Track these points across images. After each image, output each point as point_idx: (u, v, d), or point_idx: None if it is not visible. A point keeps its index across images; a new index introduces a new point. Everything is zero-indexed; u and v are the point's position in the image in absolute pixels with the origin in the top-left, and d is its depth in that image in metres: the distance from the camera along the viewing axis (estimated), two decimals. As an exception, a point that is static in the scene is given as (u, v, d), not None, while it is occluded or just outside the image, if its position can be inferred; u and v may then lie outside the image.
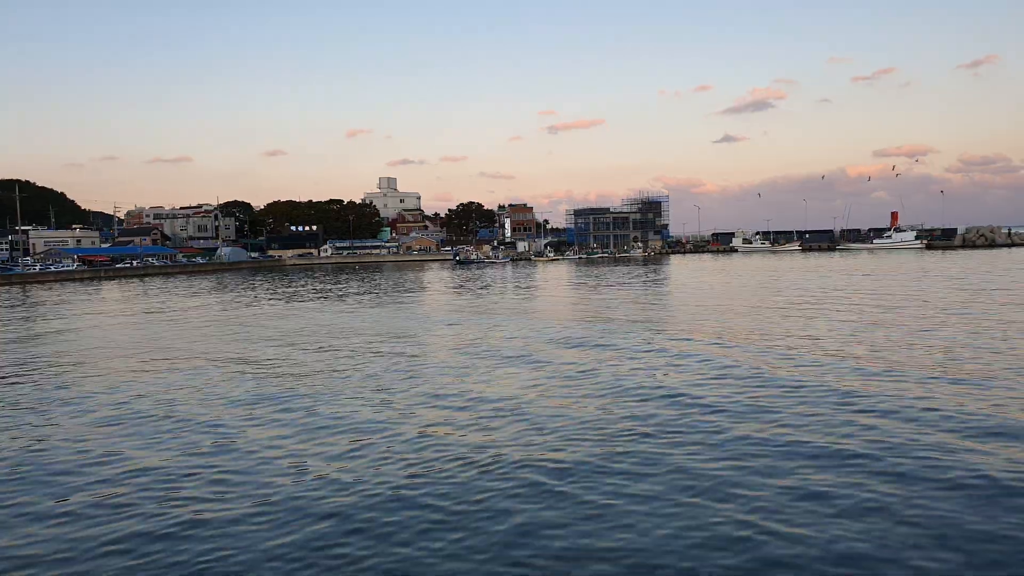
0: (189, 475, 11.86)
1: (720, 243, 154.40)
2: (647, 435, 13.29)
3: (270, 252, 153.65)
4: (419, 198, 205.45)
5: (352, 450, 13.01)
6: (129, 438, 14.29)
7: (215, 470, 12.05)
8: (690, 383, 17.81)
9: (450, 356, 23.54)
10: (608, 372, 19.68)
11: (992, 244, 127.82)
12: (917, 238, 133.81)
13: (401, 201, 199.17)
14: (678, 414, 14.78)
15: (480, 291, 55.80)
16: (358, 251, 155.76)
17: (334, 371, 21.20)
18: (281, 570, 8.44)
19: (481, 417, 15.07)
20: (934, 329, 26.10)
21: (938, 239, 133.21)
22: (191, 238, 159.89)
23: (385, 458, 12.43)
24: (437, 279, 77.73)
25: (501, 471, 11.52)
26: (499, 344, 25.82)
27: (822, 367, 19.36)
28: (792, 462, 11.52)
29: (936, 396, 15.61)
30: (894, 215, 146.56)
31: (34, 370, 23.10)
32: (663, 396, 16.45)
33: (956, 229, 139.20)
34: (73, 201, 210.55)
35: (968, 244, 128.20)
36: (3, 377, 22.00)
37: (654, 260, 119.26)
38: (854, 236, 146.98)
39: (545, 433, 13.66)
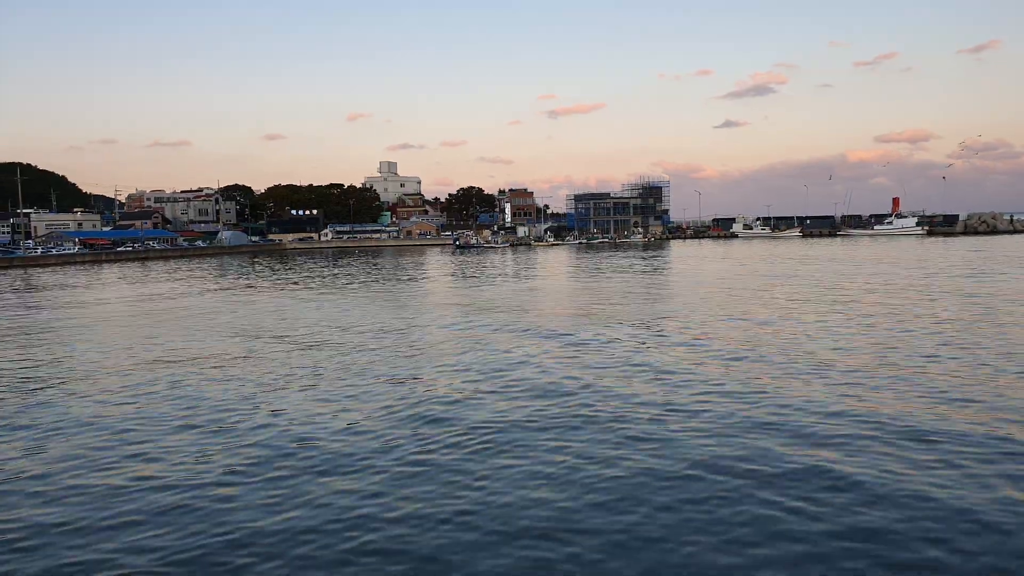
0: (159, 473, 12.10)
1: (721, 228, 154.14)
2: (644, 423, 13.51)
3: (271, 236, 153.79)
4: (419, 182, 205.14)
5: (345, 446, 13.24)
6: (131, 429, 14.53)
7: (193, 463, 12.28)
8: (683, 382, 18.02)
9: (441, 347, 23.73)
10: (598, 368, 19.87)
11: (994, 231, 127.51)
12: (918, 224, 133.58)
13: (401, 185, 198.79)
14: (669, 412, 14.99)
15: (478, 277, 55.94)
16: (358, 235, 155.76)
17: (329, 362, 21.42)
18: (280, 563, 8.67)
19: (475, 404, 15.29)
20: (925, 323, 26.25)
21: (939, 225, 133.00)
22: (192, 222, 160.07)
23: (372, 454, 12.66)
24: (436, 264, 77.84)
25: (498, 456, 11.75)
26: (490, 335, 26.02)
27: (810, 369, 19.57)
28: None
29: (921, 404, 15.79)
30: (895, 201, 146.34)
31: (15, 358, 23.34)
32: (653, 400, 16.66)
33: (958, 215, 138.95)
34: (74, 184, 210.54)
35: (970, 231, 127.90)
36: None
37: (654, 246, 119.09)
38: (855, 222, 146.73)
39: (534, 426, 13.89)
